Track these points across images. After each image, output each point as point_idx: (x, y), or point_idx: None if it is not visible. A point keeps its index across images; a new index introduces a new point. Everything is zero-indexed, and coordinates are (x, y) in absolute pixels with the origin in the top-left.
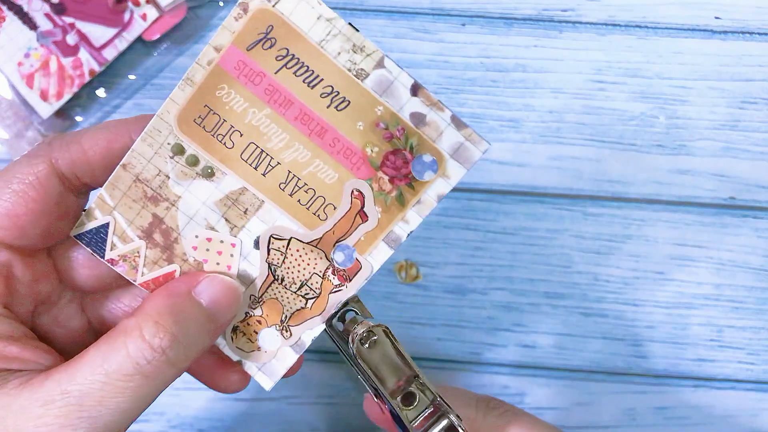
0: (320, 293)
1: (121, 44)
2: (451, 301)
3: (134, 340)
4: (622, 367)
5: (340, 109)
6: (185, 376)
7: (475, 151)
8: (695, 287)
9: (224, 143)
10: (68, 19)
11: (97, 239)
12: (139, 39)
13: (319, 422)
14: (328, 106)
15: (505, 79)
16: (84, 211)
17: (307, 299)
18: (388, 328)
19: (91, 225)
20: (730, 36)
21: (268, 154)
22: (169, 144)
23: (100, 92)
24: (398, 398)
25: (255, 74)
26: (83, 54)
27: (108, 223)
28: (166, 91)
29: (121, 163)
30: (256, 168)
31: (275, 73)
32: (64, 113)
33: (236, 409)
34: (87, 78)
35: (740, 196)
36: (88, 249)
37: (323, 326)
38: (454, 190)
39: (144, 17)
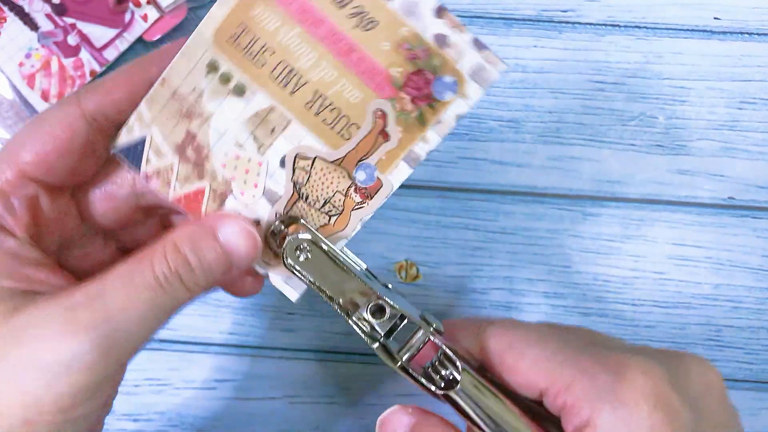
0: (343, 210)
1: (122, 45)
2: (451, 301)
3: (159, 258)
4: None
5: (367, 29)
6: (185, 375)
7: (492, 71)
8: (694, 287)
9: (256, 61)
10: (69, 20)
11: (135, 153)
12: (140, 40)
13: (319, 422)
14: (356, 27)
15: (505, 80)
16: (125, 124)
17: (330, 216)
18: (316, 242)
19: (130, 139)
20: (730, 36)
21: (296, 73)
22: (204, 61)
23: None
24: (366, 311)
25: None
26: (84, 54)
27: (145, 138)
28: None
29: (160, 77)
30: (284, 86)
31: None
32: None
33: (236, 409)
34: (88, 78)
35: (739, 196)
36: (126, 162)
37: (346, 240)
38: (454, 189)
39: (145, 18)
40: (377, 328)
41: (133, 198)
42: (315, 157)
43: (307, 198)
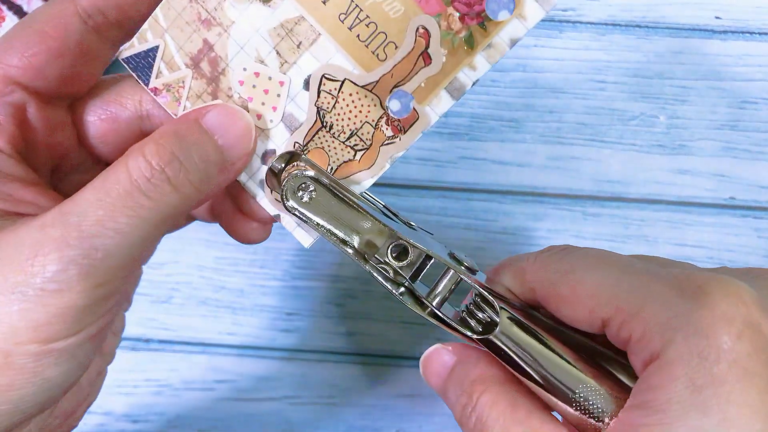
0: (371, 145)
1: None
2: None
3: (135, 158)
4: None
5: None
6: (185, 376)
7: None
8: None
9: None
10: None
11: (145, 64)
12: None
13: (319, 422)
14: None
15: (505, 79)
16: (138, 32)
17: (356, 151)
18: (319, 178)
19: (141, 47)
20: (731, 36)
21: None
22: None
23: None
24: (387, 253)
25: None
26: None
27: (157, 47)
28: None
29: None
30: None
31: None
32: None
33: (236, 409)
34: None
35: (740, 196)
36: (134, 75)
37: (372, 180)
38: (455, 189)
39: None
40: (401, 271)
41: (137, 122)
42: (344, 80)
43: (331, 128)
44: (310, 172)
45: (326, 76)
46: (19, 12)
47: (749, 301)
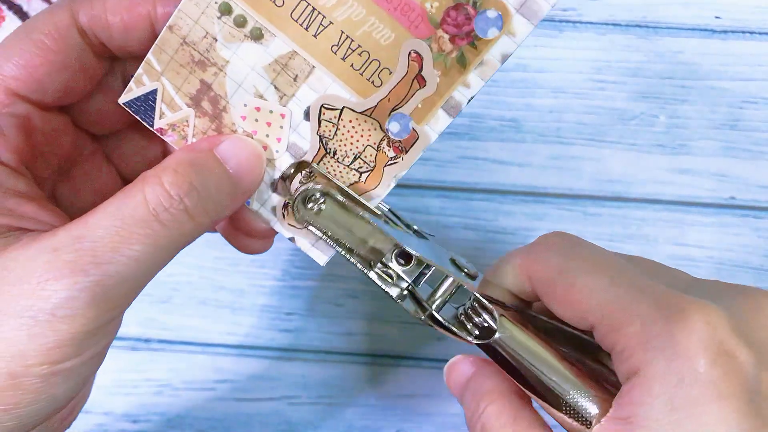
0: (375, 166)
1: None
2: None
3: (152, 186)
4: None
5: None
6: (185, 376)
7: (543, 3)
8: None
9: (273, 1)
10: None
11: (146, 107)
12: None
13: (319, 422)
14: None
15: (505, 79)
16: (132, 77)
17: (360, 173)
18: (327, 191)
19: (139, 92)
20: (731, 35)
21: (319, 13)
22: (216, 3)
23: None
24: (392, 258)
25: None
26: None
27: (156, 90)
28: None
29: (167, 24)
30: (306, 29)
31: None
32: None
33: (236, 409)
34: None
35: (740, 195)
36: (137, 117)
37: (378, 200)
38: (454, 189)
39: None
40: (404, 275)
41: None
42: (342, 108)
43: (335, 153)
44: (319, 185)
45: (325, 105)
46: (19, 12)
47: (724, 329)
